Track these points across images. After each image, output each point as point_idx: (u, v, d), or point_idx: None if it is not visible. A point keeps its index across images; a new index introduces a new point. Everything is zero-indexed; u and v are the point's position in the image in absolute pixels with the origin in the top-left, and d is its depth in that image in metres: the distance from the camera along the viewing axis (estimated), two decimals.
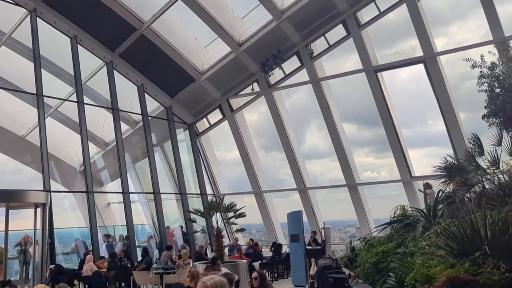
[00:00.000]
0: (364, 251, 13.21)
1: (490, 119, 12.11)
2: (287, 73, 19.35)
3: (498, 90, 11.95)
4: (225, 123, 21.47)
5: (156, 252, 19.60)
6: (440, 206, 10.79)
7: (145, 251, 15.97)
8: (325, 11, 17.43)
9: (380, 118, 17.70)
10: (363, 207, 19.08)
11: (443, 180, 10.61)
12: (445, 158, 10.51)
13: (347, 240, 21.82)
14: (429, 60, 16.37)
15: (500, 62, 12.29)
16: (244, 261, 13.12)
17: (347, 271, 9.77)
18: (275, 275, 16.93)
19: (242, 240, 20.78)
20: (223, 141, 23.89)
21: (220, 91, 20.79)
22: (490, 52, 12.65)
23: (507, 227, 5.46)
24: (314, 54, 18.41)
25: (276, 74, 19.63)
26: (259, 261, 16.21)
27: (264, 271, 16.50)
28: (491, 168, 9.88)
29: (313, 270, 11.45)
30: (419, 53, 16.64)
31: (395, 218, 13.04)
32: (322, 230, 16.27)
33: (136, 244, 19.15)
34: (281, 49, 18.63)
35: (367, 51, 17.43)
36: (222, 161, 23.82)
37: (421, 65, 16.84)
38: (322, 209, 20.51)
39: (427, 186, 14.52)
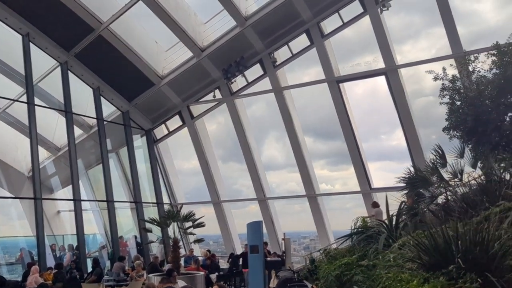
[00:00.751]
0: (325, 263, 13.01)
1: (451, 131, 12.17)
2: (249, 81, 19.06)
3: (459, 103, 12.03)
4: (184, 130, 20.90)
5: (108, 263, 18.67)
6: (400, 218, 10.73)
7: (96, 262, 15.11)
8: (289, 20, 17.30)
9: (337, 130, 17.74)
10: (323, 219, 18.92)
11: (405, 191, 10.52)
12: (409, 169, 10.42)
13: (301, 252, 21.71)
14: (391, 72, 16.50)
15: (460, 76, 12.41)
16: (202, 273, 12.59)
17: (309, 284, 9.44)
18: None
19: (198, 251, 20.18)
20: (181, 149, 23.39)
21: (181, 97, 20.24)
22: (452, 65, 12.80)
23: (481, 239, 5.27)
24: (277, 63, 18.22)
25: (238, 82, 19.31)
26: (216, 273, 15.66)
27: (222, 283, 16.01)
28: (454, 180, 9.87)
29: (273, 283, 11.08)
30: (381, 65, 16.74)
31: (355, 230, 12.91)
32: (283, 241, 15.94)
33: (87, 254, 18.19)
34: (244, 56, 18.34)
35: (330, 61, 17.40)
36: (180, 170, 23.26)
37: (375, 80, 17.29)
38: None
39: (374, 205, 14.58)
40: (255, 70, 18.81)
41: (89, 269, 15.85)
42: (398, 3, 16.48)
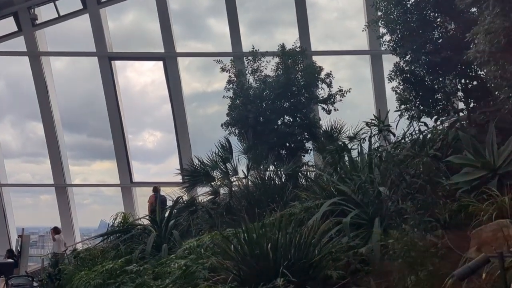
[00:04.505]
0: (73, 267, 10.78)
1: (229, 128, 11.57)
2: None
3: (241, 98, 11.54)
4: None
5: None
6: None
7: None
8: None
9: (86, 122, 16.94)
10: (70, 213, 16.35)
11: (185, 186, 9.30)
12: (192, 160, 9.25)
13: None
14: (170, 59, 15.27)
15: (244, 72, 12.01)
16: None
17: None
18: None
19: None
20: None
21: None
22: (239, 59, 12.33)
23: (304, 244, 4.32)
24: (38, 21, 14.98)
25: None
26: None
27: None
28: (237, 177, 9.17)
29: None
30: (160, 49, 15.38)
31: (115, 228, 11.12)
32: (19, 239, 12.85)
33: None
34: None
35: (104, 33, 15.12)
36: None
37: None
38: None
39: (56, 231, 13.09)
40: (7, 25, 15.06)
41: None
42: None
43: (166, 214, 9.54)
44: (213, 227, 8.19)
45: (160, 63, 15.41)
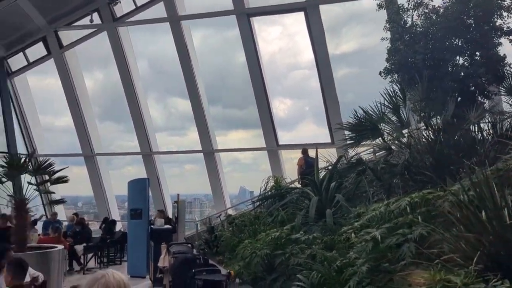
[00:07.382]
0: (229, 233, 10.33)
1: (390, 75, 9.85)
2: (138, 5, 15.19)
3: (407, 37, 9.72)
4: (51, 62, 16.38)
5: None
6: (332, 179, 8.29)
7: None
8: None
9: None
10: (220, 178, 16.15)
11: (349, 143, 7.94)
12: (355, 112, 7.84)
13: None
14: (311, 8, 13.84)
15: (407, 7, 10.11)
16: (60, 247, 8.96)
17: (222, 269, 6.53)
18: (105, 261, 12.95)
19: (64, 215, 16.20)
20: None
21: (46, 18, 15.69)
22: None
23: None
24: None
25: (123, 5, 15.33)
26: (84, 244, 12.06)
27: (91, 256, 12.56)
28: (412, 130, 7.57)
29: (164, 261, 8.00)
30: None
31: (269, 192, 10.37)
32: (175, 204, 12.85)
33: None
34: None
35: None
36: (45, 125, 19.01)
37: None
38: None
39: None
40: None
41: None
42: None
43: (327, 176, 8.40)
44: (390, 189, 6.81)
45: (287, 31, 14.24)
